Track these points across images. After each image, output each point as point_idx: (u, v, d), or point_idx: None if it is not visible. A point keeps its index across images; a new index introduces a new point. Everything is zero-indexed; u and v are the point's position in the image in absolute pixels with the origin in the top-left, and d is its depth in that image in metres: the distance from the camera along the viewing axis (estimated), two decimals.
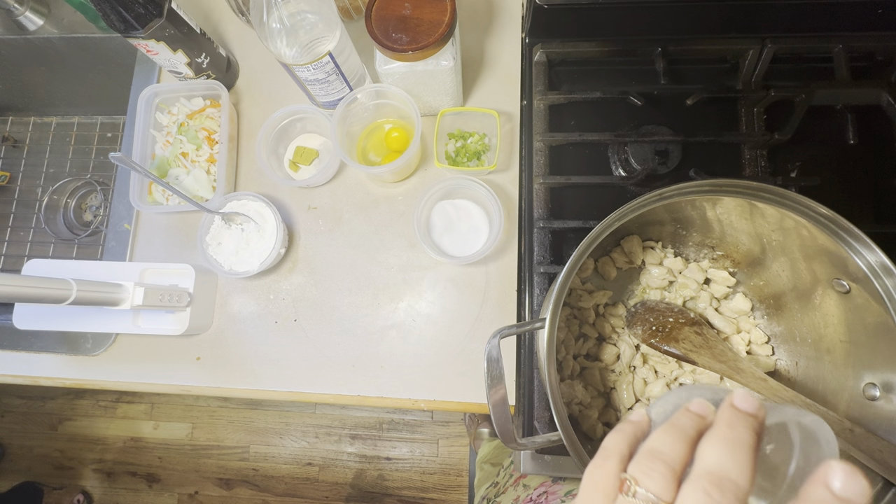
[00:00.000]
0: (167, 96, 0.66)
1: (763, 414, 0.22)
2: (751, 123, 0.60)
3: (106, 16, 0.52)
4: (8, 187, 0.92)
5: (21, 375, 0.62)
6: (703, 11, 0.59)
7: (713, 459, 0.20)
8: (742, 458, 0.20)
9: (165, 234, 0.64)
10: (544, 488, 0.61)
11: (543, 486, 0.61)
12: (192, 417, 1.50)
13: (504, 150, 0.62)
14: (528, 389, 0.53)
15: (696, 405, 0.24)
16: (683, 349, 0.48)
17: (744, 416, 0.21)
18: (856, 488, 0.18)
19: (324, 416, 1.47)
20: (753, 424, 0.21)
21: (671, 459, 0.21)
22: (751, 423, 0.21)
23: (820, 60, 0.61)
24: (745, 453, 0.20)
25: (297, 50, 0.50)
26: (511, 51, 0.66)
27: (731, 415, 0.22)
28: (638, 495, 0.20)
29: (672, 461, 0.21)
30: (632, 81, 0.63)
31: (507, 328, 0.40)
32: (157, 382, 0.60)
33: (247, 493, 1.43)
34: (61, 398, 1.54)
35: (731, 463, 0.20)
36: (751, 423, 0.21)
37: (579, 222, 0.56)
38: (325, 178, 0.62)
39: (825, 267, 0.43)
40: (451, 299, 0.59)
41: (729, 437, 0.20)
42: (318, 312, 0.60)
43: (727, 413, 0.22)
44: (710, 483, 0.19)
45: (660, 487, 0.20)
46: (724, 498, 0.19)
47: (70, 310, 0.55)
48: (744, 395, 0.22)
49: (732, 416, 0.22)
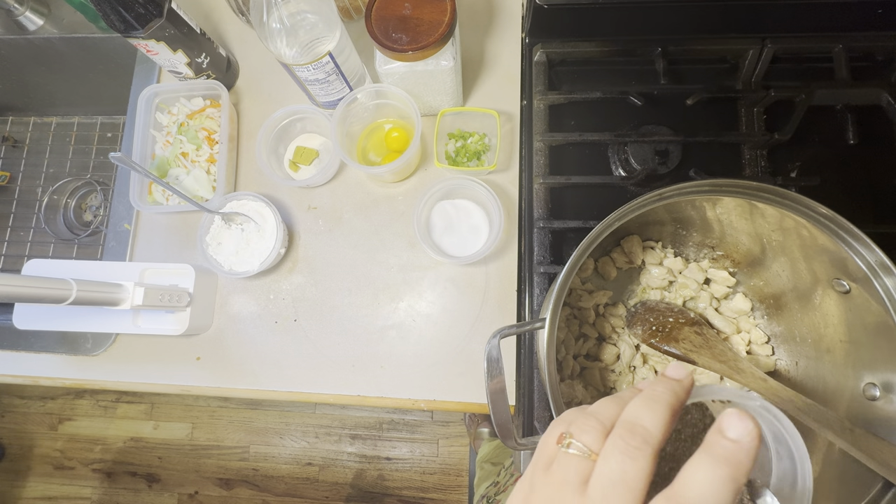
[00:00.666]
0: (167, 96, 0.66)
1: (689, 381, 0.25)
2: (751, 123, 0.60)
3: (106, 16, 0.52)
4: (8, 187, 0.92)
5: (21, 375, 0.62)
6: (703, 11, 0.59)
7: (630, 411, 0.23)
8: (655, 410, 0.23)
9: (165, 234, 0.64)
10: None
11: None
12: (192, 417, 1.50)
13: (504, 150, 0.62)
14: (528, 389, 0.53)
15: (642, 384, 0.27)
16: (683, 349, 0.48)
17: (667, 380, 0.25)
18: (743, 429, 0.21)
19: (324, 416, 1.47)
20: (674, 386, 0.24)
21: (604, 418, 0.24)
22: (671, 385, 0.24)
23: (820, 60, 0.61)
24: (659, 406, 0.23)
25: (297, 50, 0.50)
26: (511, 51, 0.66)
27: (658, 379, 0.25)
28: (572, 447, 0.23)
29: (605, 419, 0.24)
30: (632, 81, 0.63)
31: (507, 328, 0.40)
32: (157, 382, 0.60)
33: (247, 493, 1.43)
34: (61, 398, 1.54)
35: (644, 413, 0.23)
36: (672, 385, 0.24)
37: (579, 222, 0.56)
38: (325, 178, 0.62)
39: (825, 267, 0.43)
40: (451, 299, 0.59)
41: (649, 395, 0.24)
42: (318, 312, 0.60)
43: (656, 378, 0.25)
44: (624, 430, 0.22)
45: (591, 439, 0.23)
46: (633, 440, 0.21)
47: (70, 310, 0.55)
48: (676, 365, 0.26)
49: (658, 379, 0.25)
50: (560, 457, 0.23)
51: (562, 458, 0.23)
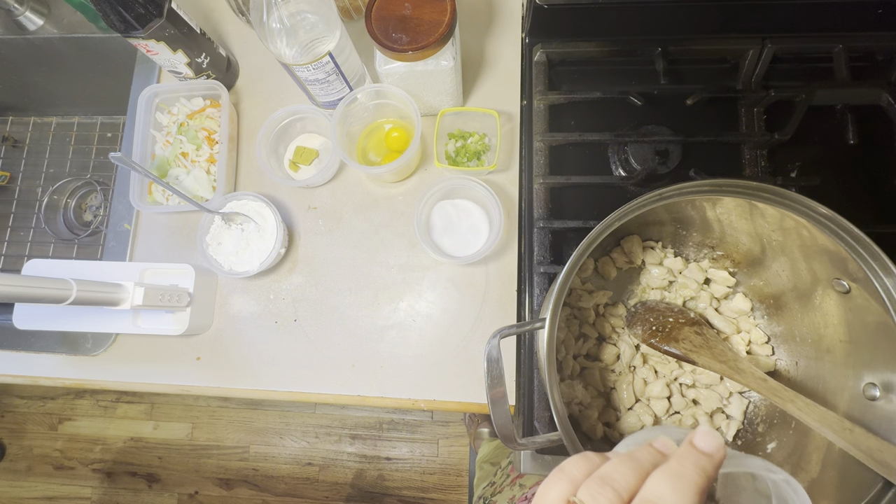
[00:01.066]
0: (167, 96, 0.66)
1: (720, 456, 0.22)
2: (751, 123, 0.60)
3: (106, 16, 0.52)
4: (8, 187, 0.92)
5: (21, 375, 0.62)
6: (703, 11, 0.59)
7: (653, 489, 0.20)
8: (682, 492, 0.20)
9: (165, 234, 0.64)
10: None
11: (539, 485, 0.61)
12: (192, 417, 1.50)
13: (504, 150, 0.62)
14: (528, 389, 0.53)
15: (659, 442, 0.24)
16: (683, 349, 0.48)
17: (696, 454, 0.22)
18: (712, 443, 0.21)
19: (324, 416, 1.47)
20: (704, 463, 0.21)
21: (620, 487, 0.21)
22: (701, 462, 0.21)
23: (820, 60, 0.61)
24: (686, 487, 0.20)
25: (297, 50, 0.50)
26: (511, 51, 0.66)
27: (685, 450, 0.22)
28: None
29: (621, 488, 0.21)
30: (632, 81, 0.63)
31: (507, 328, 0.40)
32: (157, 382, 0.60)
33: (247, 493, 1.43)
34: (61, 398, 1.54)
35: (670, 495, 0.20)
36: (702, 461, 0.21)
37: (579, 222, 0.56)
38: (325, 178, 0.62)
39: (825, 267, 0.43)
40: (451, 299, 0.59)
41: (676, 470, 0.21)
42: (318, 312, 0.60)
43: (683, 449, 0.22)
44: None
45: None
46: None
47: (70, 310, 0.55)
48: (705, 433, 0.23)
49: (686, 451, 0.22)
50: None
51: None
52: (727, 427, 0.50)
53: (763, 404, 0.50)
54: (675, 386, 0.52)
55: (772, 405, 0.49)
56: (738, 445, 0.50)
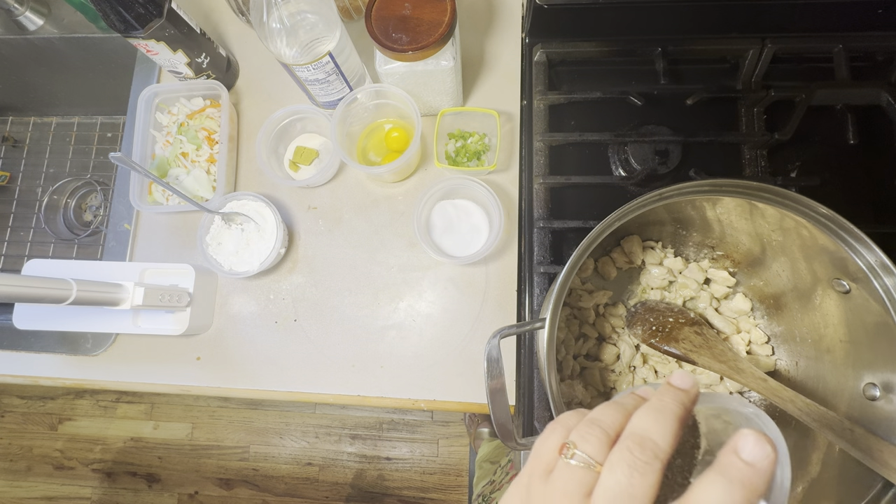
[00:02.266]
0: (167, 96, 0.66)
1: (695, 391, 0.24)
2: (751, 123, 0.60)
3: (106, 16, 0.52)
4: (8, 187, 0.92)
5: (21, 375, 0.62)
6: (703, 11, 0.59)
7: (638, 423, 0.22)
8: (664, 422, 0.22)
9: (165, 234, 0.64)
10: None
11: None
12: (192, 417, 1.50)
13: (504, 150, 0.62)
14: (528, 389, 0.53)
15: (641, 390, 0.26)
16: (683, 349, 0.48)
17: (674, 390, 0.24)
18: (760, 452, 0.20)
19: (324, 416, 1.47)
20: (682, 397, 0.23)
21: (607, 426, 0.23)
22: (679, 396, 0.24)
23: (820, 60, 0.61)
24: (667, 419, 0.22)
25: (297, 50, 0.50)
26: (511, 51, 0.66)
27: (664, 389, 0.24)
28: (576, 457, 0.22)
29: (607, 427, 0.23)
30: (632, 81, 0.63)
31: (507, 328, 0.40)
32: (157, 382, 0.60)
33: (247, 493, 1.43)
34: (61, 398, 1.54)
35: (653, 426, 0.22)
36: (679, 395, 0.24)
37: (579, 222, 0.56)
38: (325, 178, 0.62)
39: (825, 267, 0.43)
40: (451, 299, 0.59)
41: (657, 406, 0.23)
42: (318, 312, 0.60)
43: (661, 388, 0.25)
44: (633, 442, 0.21)
45: (595, 450, 0.22)
46: (643, 454, 0.21)
47: (70, 310, 0.55)
48: (681, 373, 0.25)
49: (664, 389, 0.24)
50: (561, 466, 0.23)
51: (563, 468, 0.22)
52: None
53: (763, 404, 0.50)
54: None
55: (772, 405, 0.49)
56: None
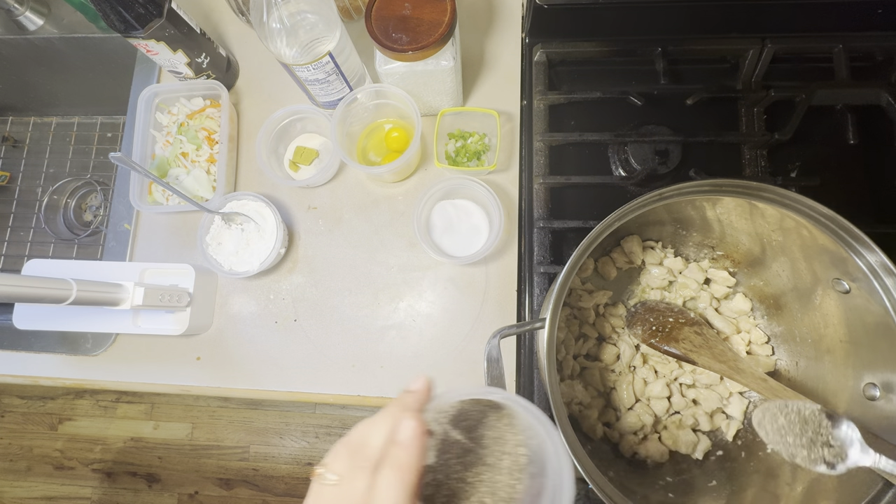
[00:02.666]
0: (167, 96, 0.66)
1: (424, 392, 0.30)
2: (751, 123, 0.60)
3: (106, 16, 0.52)
4: (8, 187, 0.92)
5: (21, 375, 0.62)
6: (703, 11, 0.59)
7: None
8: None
9: (165, 234, 0.64)
10: None
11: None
12: (192, 417, 1.50)
13: (504, 150, 0.62)
14: (528, 389, 0.53)
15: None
16: (683, 349, 0.48)
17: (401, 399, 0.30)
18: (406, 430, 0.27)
19: (324, 416, 1.47)
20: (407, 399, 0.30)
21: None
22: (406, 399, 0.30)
23: (820, 60, 0.61)
24: None
25: (297, 50, 0.50)
26: (511, 51, 0.66)
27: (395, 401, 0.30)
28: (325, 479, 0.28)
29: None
30: (632, 81, 0.63)
31: (507, 328, 0.40)
32: (157, 382, 0.60)
33: (247, 493, 1.43)
34: (61, 398, 1.54)
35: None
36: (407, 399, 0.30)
37: (579, 222, 0.56)
38: (325, 178, 0.62)
39: (825, 267, 0.43)
40: (451, 299, 0.59)
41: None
42: (318, 312, 0.60)
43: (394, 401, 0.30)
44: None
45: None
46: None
47: (70, 310, 0.55)
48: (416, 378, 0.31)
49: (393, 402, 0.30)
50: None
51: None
52: (727, 427, 0.50)
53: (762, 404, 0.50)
54: (675, 386, 0.52)
55: None
56: (738, 445, 0.50)
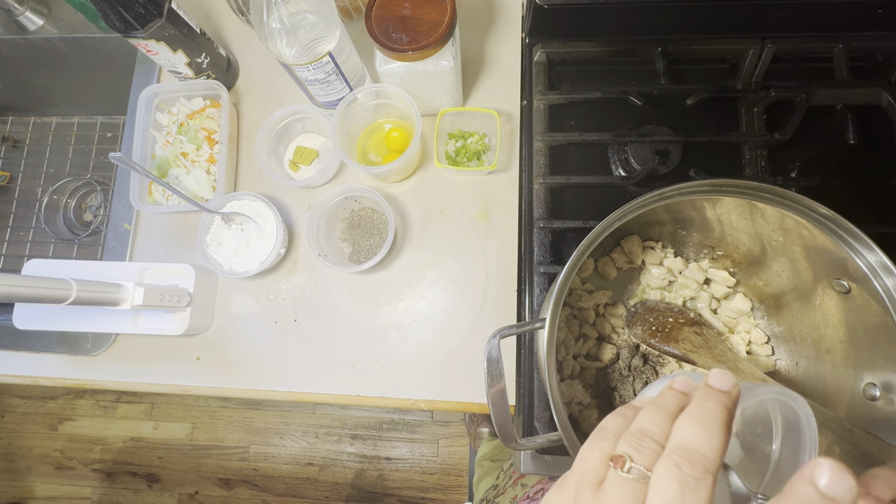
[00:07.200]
0: (167, 96, 0.66)
1: (736, 392, 0.23)
2: (751, 123, 0.60)
3: (106, 16, 0.52)
4: (8, 187, 0.92)
5: (21, 375, 0.62)
6: (703, 11, 0.59)
7: (684, 434, 0.21)
8: (711, 433, 0.21)
9: (165, 234, 0.64)
10: (541, 485, 0.61)
11: (540, 484, 0.61)
12: (192, 417, 1.50)
13: (504, 150, 0.62)
14: (528, 389, 0.53)
15: (678, 382, 0.25)
16: (683, 349, 0.48)
17: (716, 393, 0.23)
18: (842, 486, 0.18)
19: (324, 416, 1.47)
20: (725, 401, 0.22)
21: (656, 435, 0.22)
22: (722, 400, 0.22)
23: (820, 60, 0.60)
24: (714, 428, 0.21)
25: (297, 50, 0.50)
26: (511, 51, 0.66)
27: (704, 392, 0.23)
28: (633, 471, 0.21)
29: (657, 436, 0.22)
30: (632, 81, 0.63)
31: (507, 328, 0.40)
32: (157, 382, 0.60)
33: (247, 493, 1.43)
34: (61, 398, 1.54)
35: (700, 437, 0.21)
36: (722, 399, 0.22)
37: (579, 222, 0.56)
38: (325, 178, 0.62)
39: (825, 267, 0.43)
40: (451, 299, 0.59)
41: (700, 413, 0.22)
42: (318, 312, 0.60)
43: (701, 390, 0.23)
44: (680, 457, 0.20)
45: (649, 461, 0.21)
46: (693, 470, 0.20)
47: (70, 310, 0.55)
48: (719, 373, 0.24)
49: (705, 392, 0.23)
50: (615, 479, 0.22)
51: (617, 481, 0.22)
52: None
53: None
54: None
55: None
56: None
